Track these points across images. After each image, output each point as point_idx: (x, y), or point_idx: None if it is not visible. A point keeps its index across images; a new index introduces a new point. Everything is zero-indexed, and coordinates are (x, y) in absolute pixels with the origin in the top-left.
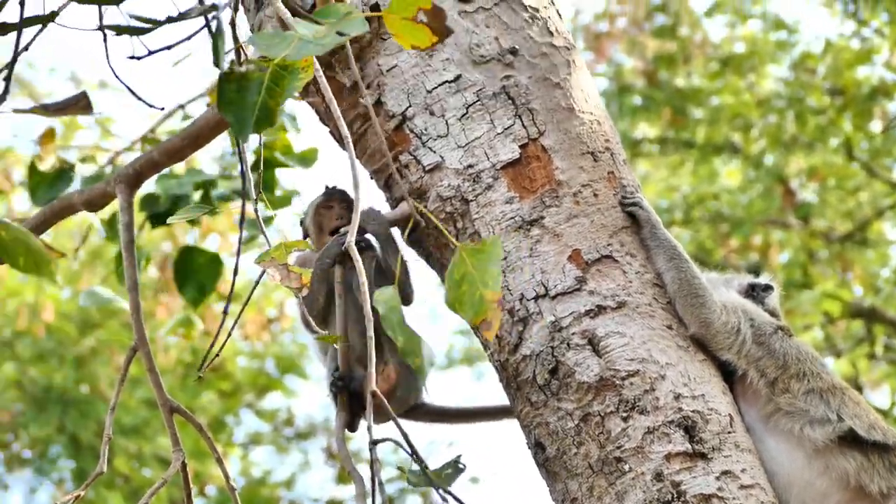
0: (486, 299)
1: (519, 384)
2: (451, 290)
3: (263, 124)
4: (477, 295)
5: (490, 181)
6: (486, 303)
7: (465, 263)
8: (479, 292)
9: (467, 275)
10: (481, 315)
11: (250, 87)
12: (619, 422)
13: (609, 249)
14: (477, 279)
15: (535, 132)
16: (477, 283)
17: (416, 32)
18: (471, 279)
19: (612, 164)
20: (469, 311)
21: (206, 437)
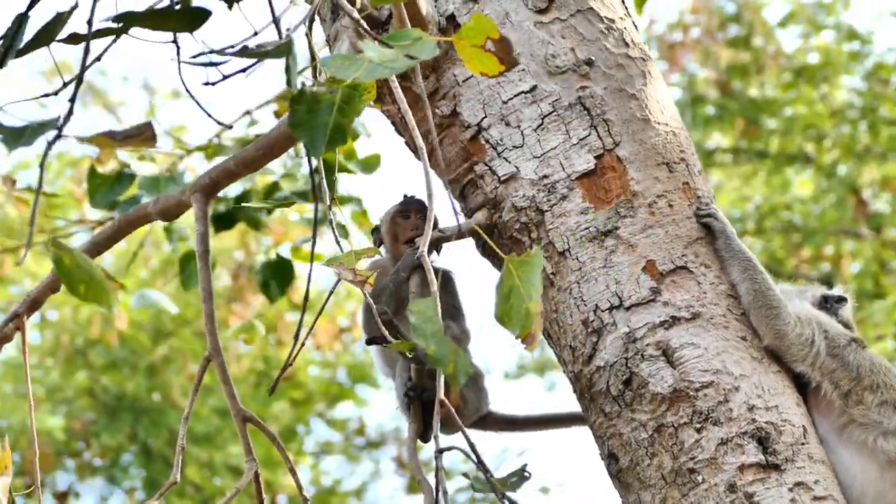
0: (531, 312)
1: (592, 395)
2: (499, 305)
3: (336, 142)
4: (523, 308)
5: (565, 191)
6: (531, 316)
7: (512, 276)
8: (525, 305)
9: (514, 287)
10: (527, 328)
11: (321, 108)
12: (693, 433)
13: (684, 260)
14: (523, 291)
15: (611, 143)
16: (523, 296)
17: (485, 60)
18: (517, 292)
19: (688, 174)
20: (516, 324)
21: (279, 447)
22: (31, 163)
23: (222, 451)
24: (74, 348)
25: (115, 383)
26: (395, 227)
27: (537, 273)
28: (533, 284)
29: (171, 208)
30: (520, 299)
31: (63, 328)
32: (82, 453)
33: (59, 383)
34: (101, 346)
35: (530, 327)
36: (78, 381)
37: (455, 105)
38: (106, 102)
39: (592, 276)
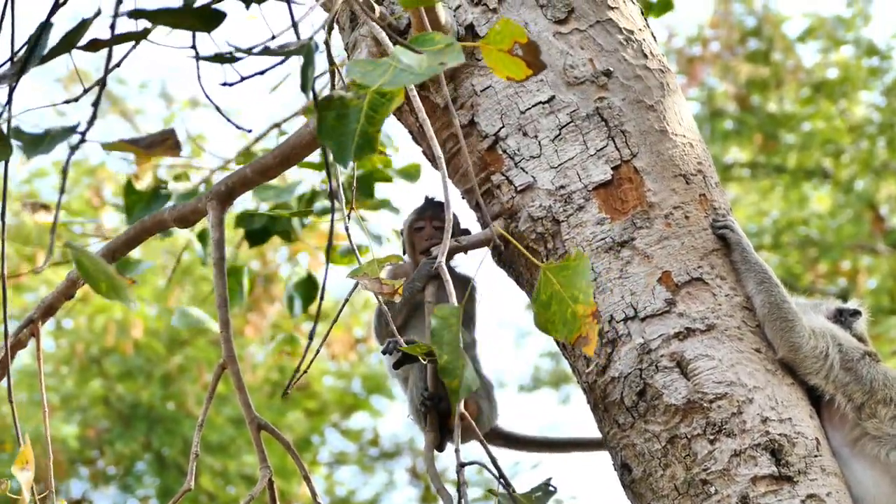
0: (580, 314)
1: (606, 406)
2: (540, 313)
3: (366, 151)
4: (568, 312)
5: (581, 202)
6: (580, 318)
7: (551, 283)
8: (571, 309)
9: (555, 294)
10: (576, 332)
11: (350, 114)
12: (706, 444)
13: (699, 272)
14: (566, 296)
15: (628, 154)
16: (567, 301)
17: (512, 65)
18: (559, 298)
19: (704, 186)
20: (563, 330)
21: (294, 455)
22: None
23: (236, 460)
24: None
25: (129, 392)
26: (411, 236)
27: (584, 275)
28: (579, 287)
29: (187, 215)
30: (563, 304)
31: (78, 336)
32: (96, 461)
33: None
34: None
35: (580, 330)
36: (93, 389)
37: (473, 115)
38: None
39: (608, 286)
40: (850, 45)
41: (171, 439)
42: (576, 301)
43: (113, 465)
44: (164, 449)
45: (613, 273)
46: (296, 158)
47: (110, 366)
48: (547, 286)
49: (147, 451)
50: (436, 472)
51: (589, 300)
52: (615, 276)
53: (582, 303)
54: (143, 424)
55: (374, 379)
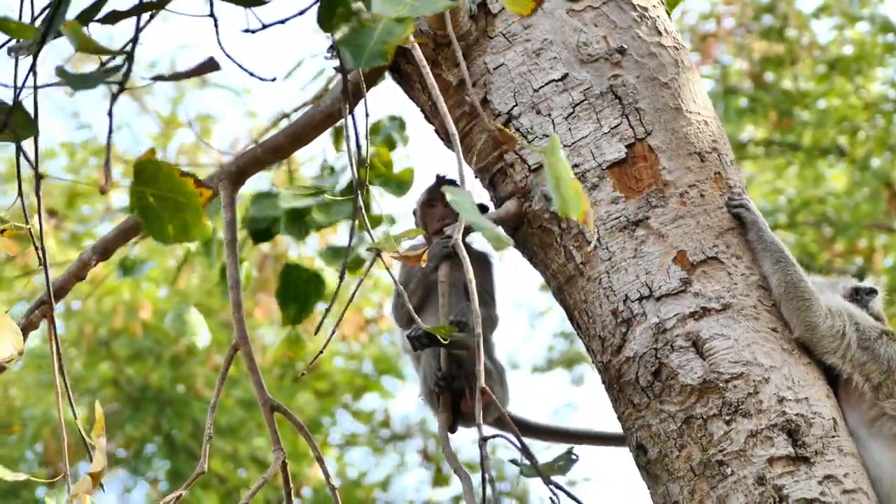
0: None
1: (621, 386)
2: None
3: (377, 59)
4: (572, 192)
5: (596, 181)
6: (581, 196)
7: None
8: (573, 188)
9: (562, 177)
10: (583, 208)
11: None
12: (722, 425)
13: (715, 251)
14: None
15: (643, 132)
16: (569, 181)
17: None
18: (565, 180)
19: (720, 164)
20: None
21: (307, 436)
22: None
23: (247, 444)
24: (98, 339)
25: (138, 374)
26: (424, 216)
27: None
28: (565, 165)
29: None
30: (567, 184)
31: (87, 318)
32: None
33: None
34: (125, 336)
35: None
36: (101, 371)
37: (486, 93)
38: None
39: (622, 266)
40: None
41: (180, 422)
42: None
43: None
44: (174, 431)
45: (628, 252)
46: (307, 138)
47: (119, 348)
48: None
49: (157, 434)
50: (452, 452)
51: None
52: (630, 256)
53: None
54: (153, 407)
55: (385, 360)
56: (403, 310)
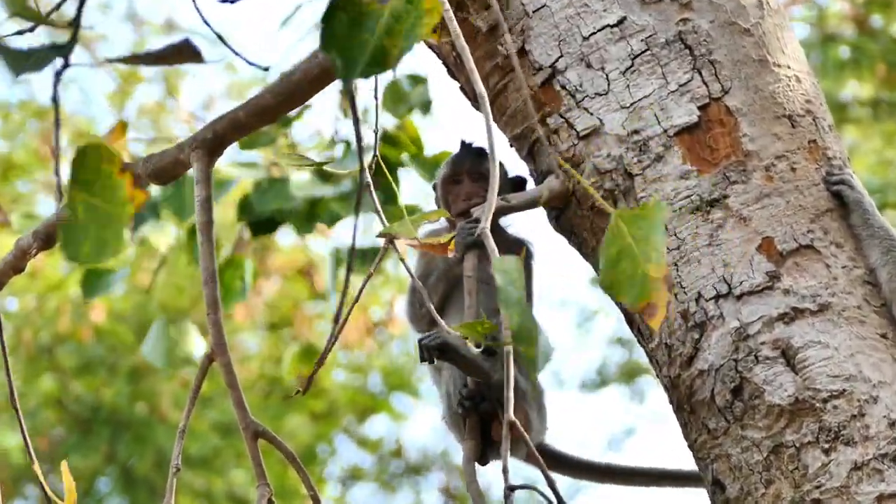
0: (651, 276)
1: (693, 406)
2: (606, 269)
3: (374, 68)
4: (639, 273)
5: (660, 151)
6: (651, 282)
7: (622, 234)
8: (641, 269)
9: (626, 248)
10: (644, 298)
11: (365, 23)
12: (819, 455)
13: (809, 237)
14: (638, 253)
15: (719, 90)
16: (638, 258)
17: None
18: (630, 253)
19: (815, 130)
20: (629, 293)
21: (299, 469)
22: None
23: (224, 477)
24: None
25: (89, 390)
26: (446, 194)
27: (658, 229)
28: (651, 243)
29: (165, 168)
30: (633, 262)
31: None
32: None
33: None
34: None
35: (649, 296)
36: (43, 387)
37: (523, 41)
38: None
39: (694, 256)
40: None
41: (140, 450)
42: (648, 260)
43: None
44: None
45: (701, 240)
46: (301, 97)
47: (65, 357)
48: (617, 238)
49: (111, 465)
50: (479, 491)
51: (662, 261)
52: (704, 244)
53: (654, 263)
54: (106, 431)
55: (397, 373)
56: (422, 310)
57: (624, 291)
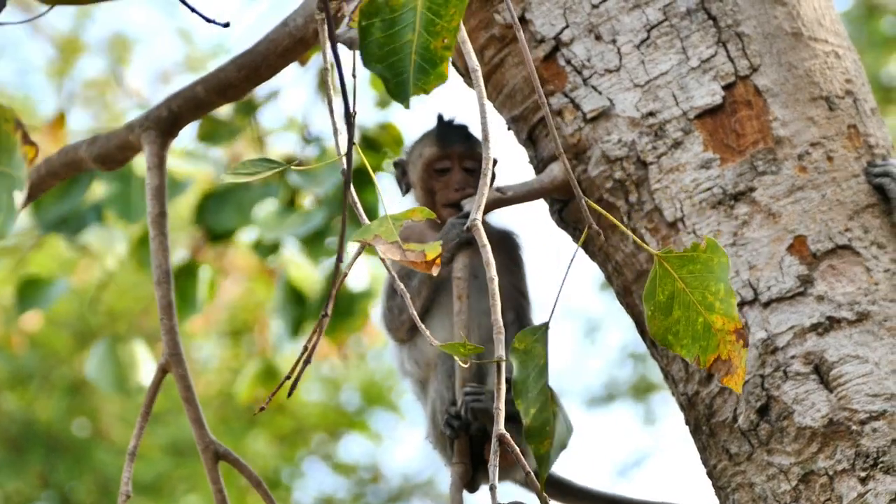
0: (717, 328)
1: (712, 428)
2: (656, 318)
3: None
4: (700, 323)
5: (679, 136)
6: (717, 334)
7: (670, 278)
8: (703, 319)
9: (678, 294)
10: (711, 353)
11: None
12: (856, 484)
13: (847, 237)
14: (695, 300)
15: (746, 67)
16: (696, 307)
17: None
18: (684, 301)
19: (855, 114)
20: (691, 347)
21: (266, 496)
22: None
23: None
24: None
25: (21, 406)
26: (429, 180)
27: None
28: (713, 290)
29: (112, 152)
30: (690, 311)
31: None
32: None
33: None
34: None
35: (717, 350)
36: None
37: (523, 9)
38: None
39: None
40: None
41: (79, 473)
42: (710, 309)
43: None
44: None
45: (724, 238)
46: (267, 71)
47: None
48: (666, 282)
49: (45, 490)
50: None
51: (731, 311)
52: (727, 243)
53: (720, 313)
54: (39, 451)
55: (374, 387)
56: (402, 317)
57: (684, 345)
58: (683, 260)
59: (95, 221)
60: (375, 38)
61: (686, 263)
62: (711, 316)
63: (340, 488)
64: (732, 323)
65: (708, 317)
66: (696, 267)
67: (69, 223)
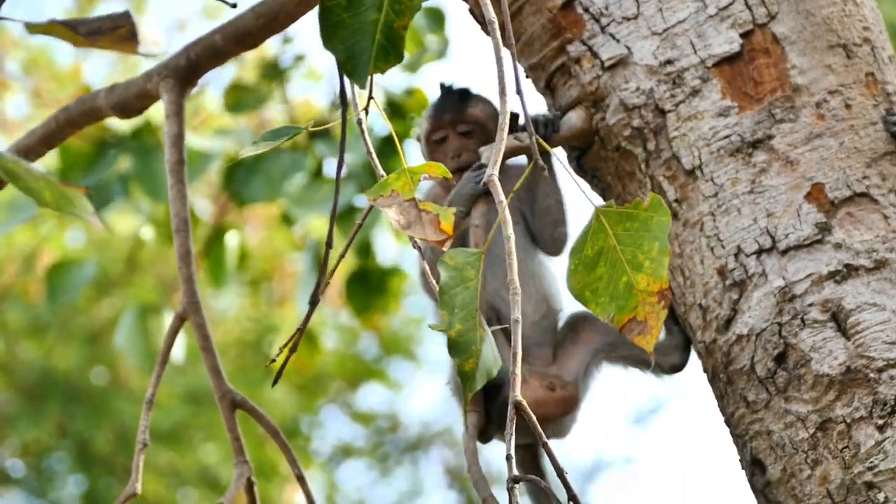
0: (639, 288)
1: (730, 376)
2: (577, 272)
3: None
4: (622, 282)
5: (697, 84)
6: (638, 295)
7: (604, 233)
8: (627, 278)
9: (607, 251)
10: (627, 313)
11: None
12: (873, 431)
13: (865, 185)
14: (623, 258)
15: (764, 14)
16: (623, 265)
17: None
18: (612, 258)
19: (873, 62)
20: (606, 305)
21: (282, 444)
22: None
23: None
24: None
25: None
26: (430, 154)
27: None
28: (646, 250)
29: (130, 101)
30: (615, 268)
31: None
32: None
33: None
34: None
35: (634, 310)
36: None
37: None
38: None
39: (734, 205)
40: None
41: (98, 423)
42: (638, 268)
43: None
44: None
45: (742, 186)
46: (286, 19)
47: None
48: (599, 237)
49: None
50: (481, 473)
51: (659, 273)
52: (744, 191)
53: (646, 273)
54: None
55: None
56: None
57: (599, 303)
58: (622, 216)
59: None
60: (338, 19)
61: (624, 220)
62: (637, 275)
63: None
64: (658, 283)
65: (633, 276)
66: (634, 225)
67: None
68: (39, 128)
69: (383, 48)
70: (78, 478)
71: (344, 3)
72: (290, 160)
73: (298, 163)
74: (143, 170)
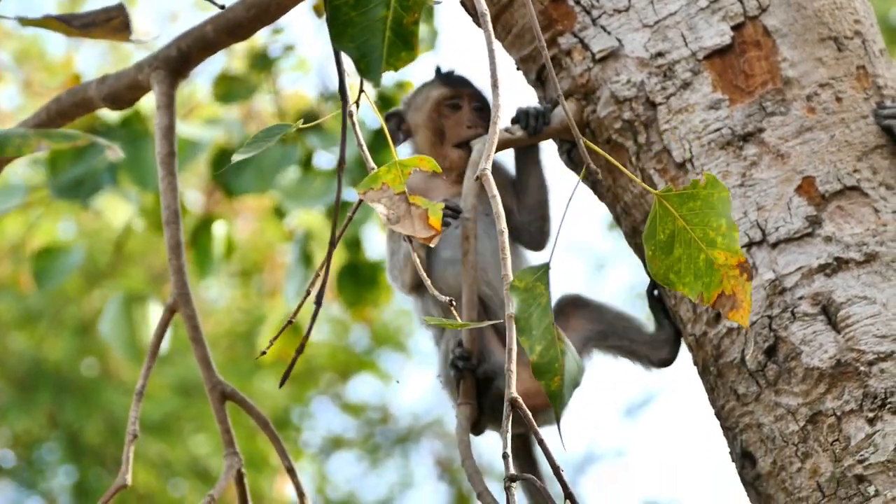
0: (720, 264)
1: (720, 369)
2: (657, 257)
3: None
4: (702, 259)
5: (688, 76)
6: (720, 269)
7: (670, 217)
8: (705, 255)
9: (679, 232)
10: (714, 288)
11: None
12: (863, 425)
13: (855, 178)
14: (696, 237)
15: (755, 7)
16: (698, 243)
17: None
18: (685, 238)
19: (864, 55)
20: (694, 284)
21: (272, 436)
22: None
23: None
24: None
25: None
26: (439, 119)
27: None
28: (715, 226)
29: (121, 92)
30: (692, 248)
31: None
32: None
33: None
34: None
35: (721, 285)
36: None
37: None
38: None
39: None
40: None
41: (88, 414)
42: (712, 245)
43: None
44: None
45: (733, 179)
46: (279, 10)
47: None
48: (666, 221)
49: (54, 431)
50: (475, 466)
51: (734, 246)
52: (735, 184)
53: (722, 248)
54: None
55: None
56: (408, 269)
57: (688, 283)
58: (683, 198)
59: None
60: (347, 17)
61: (686, 201)
62: (713, 252)
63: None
64: (735, 257)
65: (710, 253)
66: (697, 204)
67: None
68: (31, 118)
69: (394, 45)
70: (68, 468)
71: (352, 1)
72: (281, 152)
73: (289, 155)
74: (131, 158)
